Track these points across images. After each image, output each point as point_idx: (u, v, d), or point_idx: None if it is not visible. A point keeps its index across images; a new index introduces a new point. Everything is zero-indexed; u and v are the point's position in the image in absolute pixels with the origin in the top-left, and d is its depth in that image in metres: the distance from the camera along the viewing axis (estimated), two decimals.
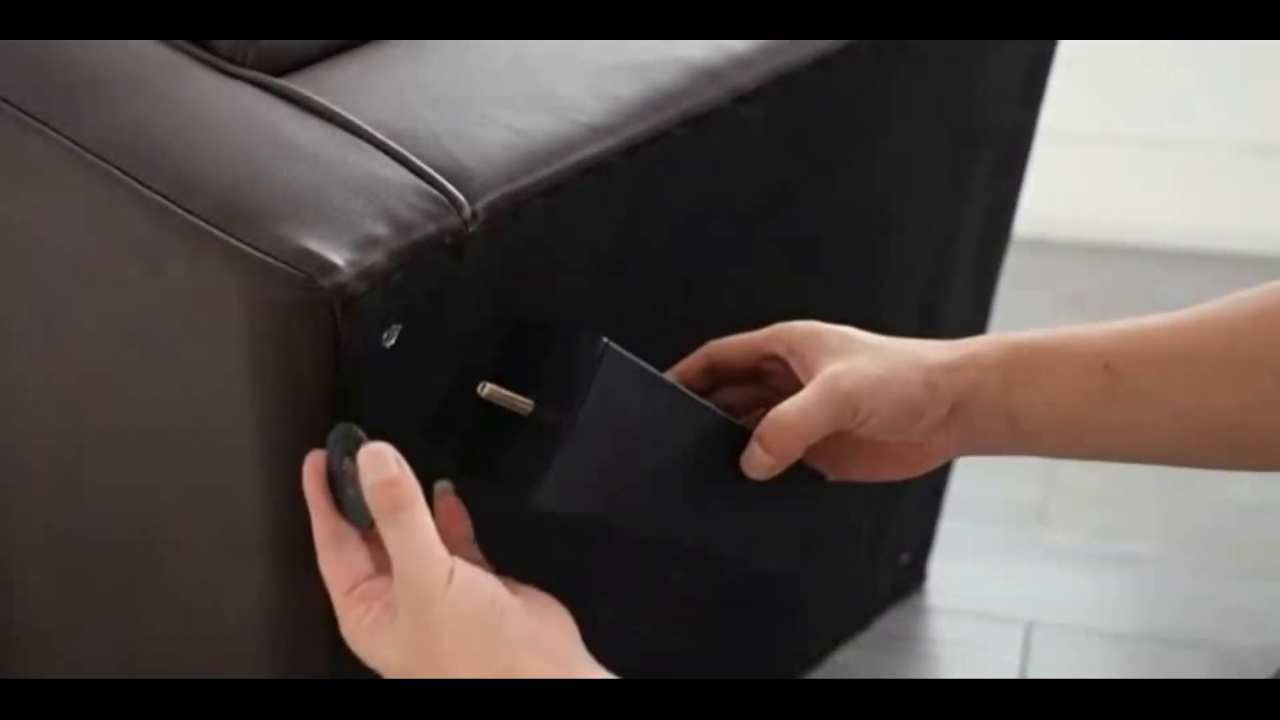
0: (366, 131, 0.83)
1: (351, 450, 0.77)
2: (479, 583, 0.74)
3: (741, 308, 1.03)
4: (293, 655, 0.89)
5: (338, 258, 0.76)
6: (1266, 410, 0.78)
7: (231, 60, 0.87)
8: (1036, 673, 1.39)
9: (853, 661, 1.39)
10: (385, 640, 0.75)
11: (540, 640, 0.73)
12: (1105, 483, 1.61)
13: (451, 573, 0.73)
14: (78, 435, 0.93)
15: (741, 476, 0.82)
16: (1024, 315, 1.84)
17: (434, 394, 0.84)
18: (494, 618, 0.73)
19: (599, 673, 0.72)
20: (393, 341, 0.79)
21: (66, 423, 0.93)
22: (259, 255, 0.76)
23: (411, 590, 0.73)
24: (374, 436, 0.80)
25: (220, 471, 0.84)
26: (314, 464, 0.77)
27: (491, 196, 0.82)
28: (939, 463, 0.87)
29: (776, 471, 0.82)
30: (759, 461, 0.81)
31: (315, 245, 0.76)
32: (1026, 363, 0.83)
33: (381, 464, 0.74)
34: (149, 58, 0.87)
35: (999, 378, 0.83)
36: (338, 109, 0.84)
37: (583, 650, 0.74)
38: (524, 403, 0.78)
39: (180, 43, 0.88)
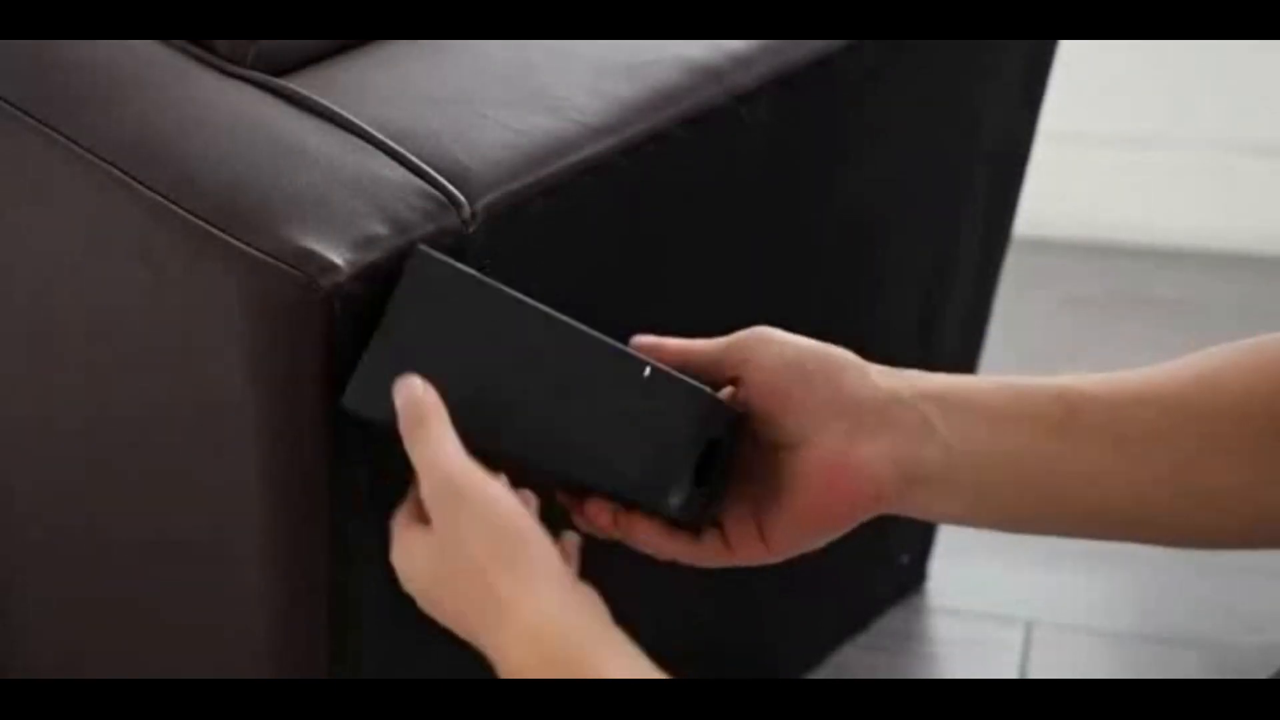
0: (366, 131, 0.83)
1: None
2: (505, 496, 0.72)
3: (742, 307, 1.03)
4: (293, 655, 0.89)
5: (338, 257, 0.76)
6: (1222, 458, 0.74)
7: (231, 60, 0.87)
8: (1036, 673, 1.39)
9: (853, 661, 1.39)
10: (418, 545, 0.75)
11: (564, 579, 0.72)
12: None
13: (486, 481, 0.72)
14: (77, 434, 0.93)
15: (594, 391, 0.77)
16: (1024, 315, 1.84)
17: None
18: (517, 536, 0.71)
19: (612, 635, 0.71)
20: None
21: (66, 422, 0.93)
22: (259, 255, 0.76)
23: (441, 490, 0.72)
24: (372, 435, 0.79)
25: (220, 470, 0.84)
26: None
27: (491, 196, 0.82)
28: (868, 502, 0.76)
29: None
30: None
31: (315, 245, 0.76)
32: (971, 383, 0.77)
33: (406, 384, 0.74)
34: (149, 58, 0.87)
35: (938, 389, 0.76)
36: (338, 109, 0.84)
37: (608, 624, 0.72)
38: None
39: (180, 43, 0.88)
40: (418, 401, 0.74)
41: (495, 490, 0.72)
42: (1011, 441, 0.75)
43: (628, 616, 0.88)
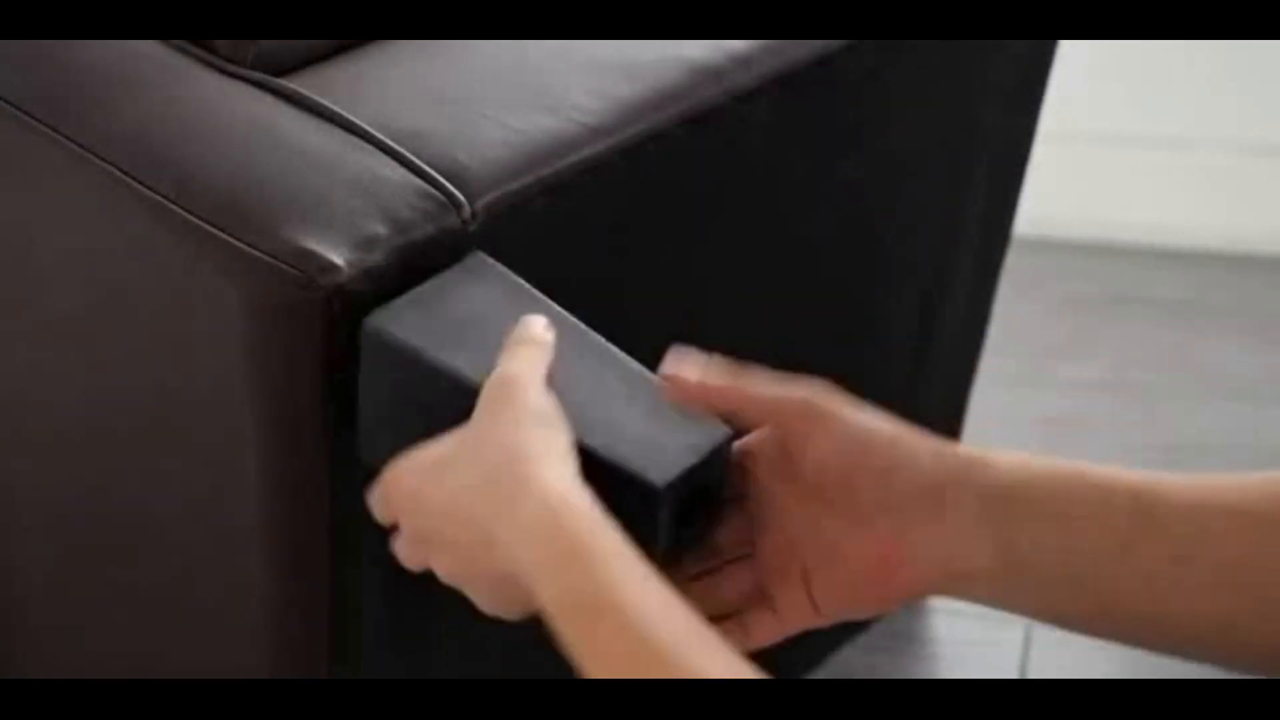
0: (366, 131, 0.83)
1: None
2: (552, 407, 0.71)
3: (742, 308, 1.03)
4: (293, 655, 0.89)
5: (337, 257, 0.76)
6: None
7: (231, 60, 0.87)
8: (1036, 673, 1.39)
9: (853, 661, 1.39)
10: (430, 447, 0.73)
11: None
12: None
13: (535, 386, 0.71)
14: (77, 434, 0.93)
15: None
16: (1024, 315, 1.84)
17: None
18: (558, 429, 0.70)
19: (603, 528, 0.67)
20: None
21: (66, 421, 0.93)
22: (259, 255, 0.76)
23: (498, 386, 0.71)
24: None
25: (220, 469, 0.84)
26: None
27: (491, 196, 0.82)
28: (914, 591, 0.74)
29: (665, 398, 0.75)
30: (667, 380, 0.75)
31: (315, 245, 0.76)
32: (1036, 473, 0.72)
33: (529, 321, 0.74)
34: (149, 58, 0.87)
35: (997, 483, 0.72)
36: (338, 109, 0.84)
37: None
38: None
39: (180, 43, 0.88)
40: (531, 325, 0.74)
41: (548, 402, 0.71)
42: (1075, 540, 0.71)
43: None
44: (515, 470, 0.68)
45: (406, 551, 0.75)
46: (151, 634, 0.97)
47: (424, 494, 0.72)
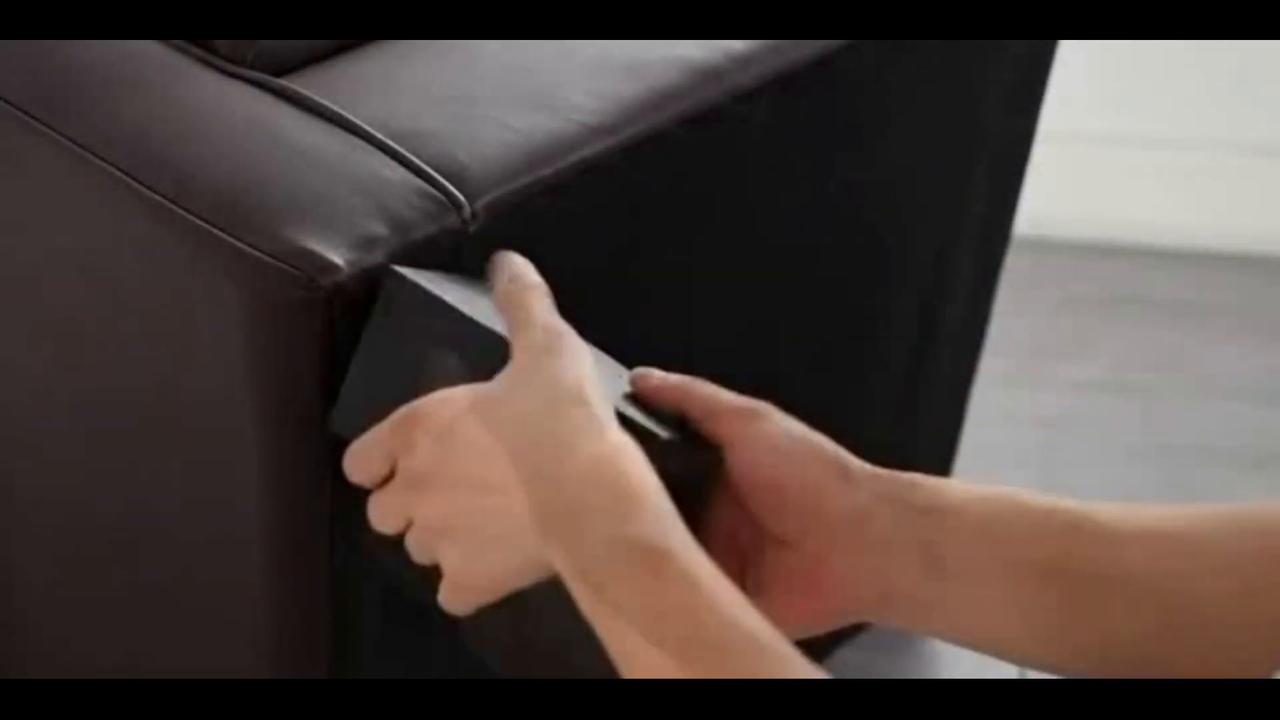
0: (366, 131, 0.83)
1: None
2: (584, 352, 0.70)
3: (741, 307, 1.03)
4: (293, 655, 0.89)
5: (338, 257, 0.76)
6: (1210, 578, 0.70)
7: (231, 60, 0.87)
8: (1036, 673, 1.39)
9: (853, 661, 1.39)
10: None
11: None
12: (1105, 483, 1.61)
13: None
14: (77, 435, 0.93)
15: None
16: (1024, 315, 1.84)
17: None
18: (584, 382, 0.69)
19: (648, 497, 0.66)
20: None
21: (66, 420, 0.93)
22: (259, 255, 0.76)
23: (550, 333, 0.71)
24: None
25: (220, 469, 0.84)
26: None
27: (491, 196, 0.82)
28: (845, 612, 0.74)
29: None
30: None
31: (315, 245, 0.76)
32: (965, 498, 0.73)
33: (505, 263, 0.75)
34: (149, 58, 0.87)
35: (924, 502, 0.73)
36: (338, 109, 0.84)
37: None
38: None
39: (180, 43, 0.88)
40: (523, 273, 0.74)
41: (590, 356, 0.71)
42: (998, 558, 0.72)
43: None
44: (578, 411, 0.67)
45: (391, 501, 0.73)
46: (151, 634, 0.97)
47: (459, 429, 0.70)
